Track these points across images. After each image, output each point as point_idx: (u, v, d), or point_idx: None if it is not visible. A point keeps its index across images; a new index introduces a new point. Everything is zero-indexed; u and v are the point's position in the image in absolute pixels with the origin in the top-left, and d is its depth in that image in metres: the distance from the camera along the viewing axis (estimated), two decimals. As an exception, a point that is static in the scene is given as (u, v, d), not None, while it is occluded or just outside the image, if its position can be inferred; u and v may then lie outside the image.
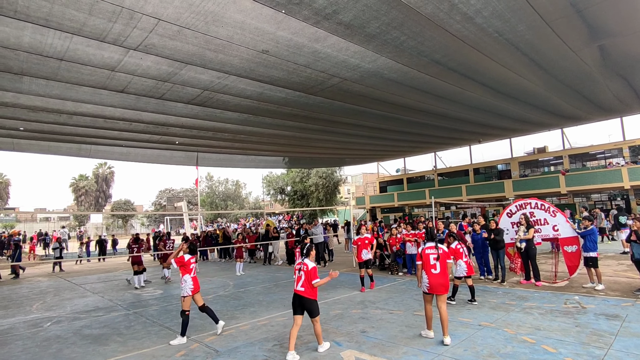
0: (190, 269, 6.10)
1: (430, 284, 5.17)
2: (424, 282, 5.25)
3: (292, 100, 10.19)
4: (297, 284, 5.06)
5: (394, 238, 11.04)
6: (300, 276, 5.05)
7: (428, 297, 5.29)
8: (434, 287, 5.16)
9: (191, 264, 6.17)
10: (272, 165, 25.84)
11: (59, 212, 57.03)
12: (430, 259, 5.25)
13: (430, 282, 5.17)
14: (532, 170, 25.54)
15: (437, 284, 5.15)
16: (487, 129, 17.72)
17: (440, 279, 5.17)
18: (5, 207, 51.10)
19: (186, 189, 61.10)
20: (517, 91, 11.37)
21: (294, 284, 5.11)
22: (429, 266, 5.22)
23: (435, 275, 5.18)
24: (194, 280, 6.07)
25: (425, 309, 5.34)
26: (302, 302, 4.98)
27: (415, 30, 6.89)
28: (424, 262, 5.28)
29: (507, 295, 7.66)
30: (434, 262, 5.21)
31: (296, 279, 5.09)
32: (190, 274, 6.05)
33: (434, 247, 5.33)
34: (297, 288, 5.04)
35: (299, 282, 5.04)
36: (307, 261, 5.13)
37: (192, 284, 6.00)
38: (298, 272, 5.12)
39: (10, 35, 5.89)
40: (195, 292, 6.01)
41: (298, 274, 5.10)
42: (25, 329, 6.99)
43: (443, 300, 5.19)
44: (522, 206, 9.11)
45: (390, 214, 33.54)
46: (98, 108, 9.65)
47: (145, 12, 5.55)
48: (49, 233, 27.29)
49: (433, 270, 5.19)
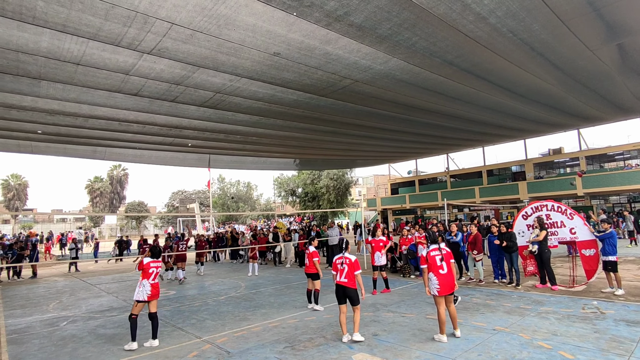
0: (149, 274, 5.85)
1: (440, 285, 5.23)
2: (433, 284, 5.28)
3: (303, 102, 10.21)
4: (341, 276, 5.51)
5: (404, 239, 10.94)
6: (343, 269, 5.52)
7: (440, 299, 5.28)
8: (444, 287, 5.23)
9: (150, 268, 5.90)
10: (283, 167, 25.94)
11: (74, 213, 58.27)
12: (436, 261, 5.34)
13: (440, 282, 5.23)
14: (548, 171, 25.07)
15: (447, 283, 5.25)
16: (501, 130, 17.46)
17: (448, 278, 5.29)
18: (24, 208, 52.41)
19: (198, 191, 61.74)
20: (532, 91, 11.17)
21: (337, 276, 5.55)
22: (437, 267, 5.30)
23: (443, 276, 5.27)
24: (152, 287, 5.81)
25: (438, 312, 5.29)
26: (346, 291, 5.45)
27: (427, 31, 6.83)
28: (431, 265, 5.35)
29: (522, 300, 7.49)
30: (440, 263, 5.31)
31: (339, 272, 5.53)
32: (148, 279, 5.81)
33: (437, 249, 5.43)
34: (341, 280, 5.50)
35: (342, 274, 5.50)
36: (348, 255, 5.68)
37: (149, 290, 5.78)
38: (341, 265, 5.58)
39: (29, 40, 6.03)
40: (151, 298, 5.78)
41: (341, 267, 5.55)
42: (42, 328, 7.13)
43: (450, 300, 5.34)
44: (538, 208, 8.92)
45: (402, 215, 33.31)
46: (113, 111, 9.82)
47: (159, 17, 5.63)
48: (64, 234, 27.86)
49: (441, 271, 5.28)
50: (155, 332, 5.81)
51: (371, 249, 9.04)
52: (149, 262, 5.95)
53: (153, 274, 5.90)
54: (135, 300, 5.77)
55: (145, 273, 5.83)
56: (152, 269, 5.91)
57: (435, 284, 5.24)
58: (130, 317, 5.70)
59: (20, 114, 9.60)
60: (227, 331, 6.30)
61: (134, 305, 5.78)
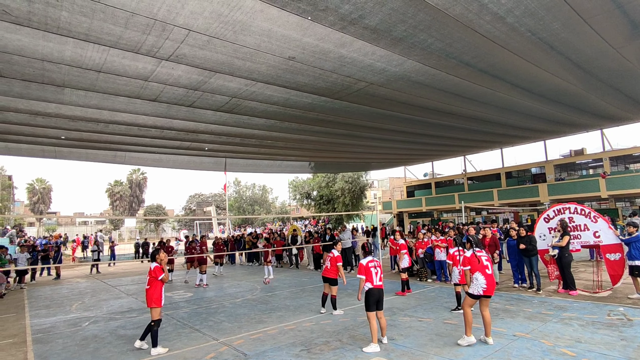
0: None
1: (487, 285, 5.18)
2: (480, 283, 5.21)
3: (318, 105, 10.23)
4: (376, 279, 5.48)
5: (420, 242, 10.80)
6: (377, 271, 5.53)
7: (473, 301, 5.24)
8: (490, 287, 5.18)
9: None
10: (298, 170, 26.02)
11: (95, 217, 59.83)
12: (482, 261, 5.33)
13: (487, 282, 5.19)
14: (569, 173, 24.39)
15: (492, 283, 5.24)
16: (520, 131, 17.08)
17: (492, 278, 5.29)
18: (48, 211, 54.12)
19: (215, 194, 62.59)
20: (552, 91, 10.89)
21: (374, 280, 5.45)
22: (483, 267, 5.28)
23: (490, 275, 5.26)
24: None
25: (466, 313, 5.22)
26: (381, 295, 5.43)
27: (443, 32, 6.75)
28: (476, 265, 5.31)
29: (544, 305, 7.29)
30: (486, 263, 5.30)
31: (373, 275, 5.48)
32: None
33: (480, 250, 5.48)
34: (377, 283, 5.47)
35: (377, 277, 5.49)
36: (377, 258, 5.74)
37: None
38: (374, 268, 5.56)
39: (54, 49, 6.25)
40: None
41: (375, 270, 5.53)
42: (66, 328, 7.33)
43: (487, 304, 5.29)
44: (561, 211, 8.67)
45: (418, 218, 32.94)
46: (132, 116, 10.06)
47: (176, 24, 5.75)
48: (87, 236, 28.64)
49: (487, 271, 5.27)
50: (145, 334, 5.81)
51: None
52: (155, 268, 5.85)
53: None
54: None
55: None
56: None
57: (482, 283, 5.18)
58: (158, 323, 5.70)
59: (45, 121, 9.94)
60: (244, 333, 6.35)
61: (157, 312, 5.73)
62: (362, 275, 5.54)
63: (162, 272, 5.82)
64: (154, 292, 5.72)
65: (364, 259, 5.65)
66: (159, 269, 5.82)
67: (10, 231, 28.33)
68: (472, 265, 5.34)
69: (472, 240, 5.60)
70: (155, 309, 5.67)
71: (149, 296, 5.71)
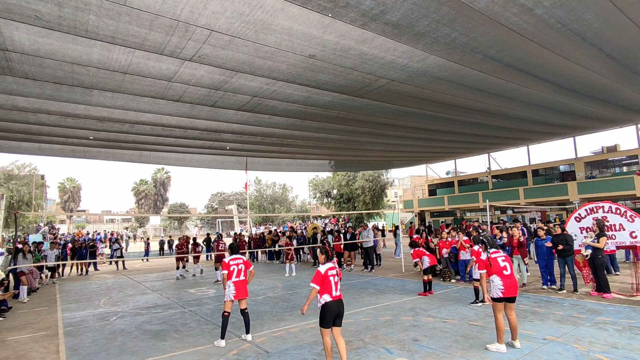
0: (230, 272, 5.83)
1: (504, 286, 5.01)
2: (496, 285, 5.06)
3: (339, 103, 10.17)
4: (335, 290, 4.57)
5: (444, 242, 10.56)
6: (337, 280, 4.64)
7: (500, 305, 5.05)
8: (508, 288, 5.02)
9: (230, 266, 5.86)
10: (318, 168, 26.03)
11: (122, 214, 61.77)
12: (499, 262, 5.16)
13: (505, 283, 5.02)
14: (601, 171, 23.34)
15: (511, 285, 5.06)
16: (547, 128, 16.48)
17: (512, 279, 5.11)
18: (78, 209, 56.29)
19: (236, 193, 63.48)
20: (582, 85, 10.44)
21: (332, 291, 4.53)
22: (501, 269, 5.12)
23: (507, 277, 5.10)
24: (235, 285, 5.80)
25: (496, 319, 5.03)
26: (341, 308, 4.60)
27: (467, 26, 6.57)
28: (494, 267, 5.15)
29: (575, 308, 6.99)
30: (504, 264, 5.14)
31: (333, 285, 4.55)
32: (230, 279, 5.82)
33: (498, 251, 5.30)
34: (336, 294, 4.59)
35: (336, 286, 4.57)
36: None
37: (233, 289, 5.81)
38: (334, 277, 4.74)
39: (82, 53, 6.45)
40: (237, 297, 5.81)
41: (334, 279, 4.61)
42: (94, 322, 7.59)
43: (512, 307, 5.09)
44: (593, 210, 8.27)
45: (441, 217, 32.36)
46: (157, 117, 10.30)
47: (199, 24, 5.82)
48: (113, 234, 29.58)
49: (505, 272, 5.11)
50: (247, 327, 5.95)
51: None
52: (229, 261, 5.91)
53: (234, 272, 5.87)
54: (225, 300, 5.86)
55: (228, 274, 5.84)
56: (233, 267, 5.87)
57: (499, 285, 5.03)
58: (223, 314, 5.79)
59: (74, 122, 10.31)
60: (266, 331, 6.39)
61: (224, 304, 5.84)
62: (317, 285, 4.49)
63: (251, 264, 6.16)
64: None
65: (323, 266, 4.61)
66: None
67: (43, 228, 29.62)
68: (487, 268, 5.21)
69: (487, 241, 5.43)
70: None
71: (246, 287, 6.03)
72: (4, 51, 6.32)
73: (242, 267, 5.95)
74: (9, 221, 24.83)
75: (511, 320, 5.06)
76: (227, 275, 5.83)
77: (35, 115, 9.68)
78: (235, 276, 5.85)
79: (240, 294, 5.85)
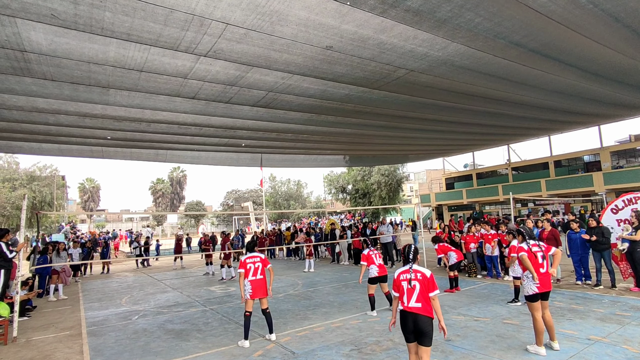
0: (247, 270, 5.73)
1: (540, 281, 4.72)
2: (531, 281, 4.76)
3: (355, 96, 9.94)
4: (409, 299, 3.93)
5: (471, 236, 10.18)
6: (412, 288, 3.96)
7: (537, 304, 4.70)
8: (544, 283, 4.74)
9: (247, 264, 5.75)
10: (333, 164, 25.82)
11: (140, 213, 62.86)
12: (538, 258, 4.85)
13: (541, 280, 4.72)
14: (628, 160, 22.45)
15: (547, 279, 4.81)
16: (572, 116, 15.86)
17: (548, 276, 4.86)
18: (97, 209, 57.55)
19: (251, 190, 63.80)
20: (611, 70, 9.93)
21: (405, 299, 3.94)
22: (538, 265, 4.81)
23: (544, 274, 4.80)
24: (251, 284, 5.67)
25: (535, 319, 4.67)
26: (418, 323, 3.77)
27: (492, 10, 6.24)
28: (532, 262, 4.82)
29: (616, 305, 6.62)
30: (542, 261, 4.83)
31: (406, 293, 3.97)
32: (247, 277, 5.71)
33: (537, 245, 4.96)
34: (411, 304, 3.90)
35: (412, 295, 3.90)
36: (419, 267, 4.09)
37: (249, 288, 5.68)
38: (254, 264, 5.54)
39: (99, 51, 6.40)
40: (253, 296, 5.67)
41: (409, 286, 3.96)
42: (117, 321, 7.61)
43: (547, 305, 4.81)
44: (632, 201, 7.81)
45: (459, 211, 31.79)
46: (172, 115, 10.26)
47: (214, 18, 5.68)
48: (133, 232, 30.05)
49: (541, 269, 4.80)
50: (270, 327, 5.83)
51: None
52: (246, 259, 5.80)
53: (251, 270, 5.74)
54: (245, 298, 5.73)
55: (246, 271, 5.73)
56: (250, 265, 5.76)
57: (536, 282, 4.74)
58: (244, 314, 5.68)
59: (92, 122, 10.36)
60: (290, 330, 6.26)
61: (245, 303, 5.72)
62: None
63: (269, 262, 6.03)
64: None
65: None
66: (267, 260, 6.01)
67: (65, 227, 30.31)
68: (531, 261, 4.82)
69: (526, 233, 5.05)
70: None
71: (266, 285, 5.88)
72: (22, 52, 6.32)
73: (260, 265, 5.80)
74: (32, 221, 25.49)
75: (547, 318, 4.75)
76: (244, 273, 5.73)
77: (55, 116, 9.75)
78: (252, 274, 5.73)
79: (258, 293, 5.71)
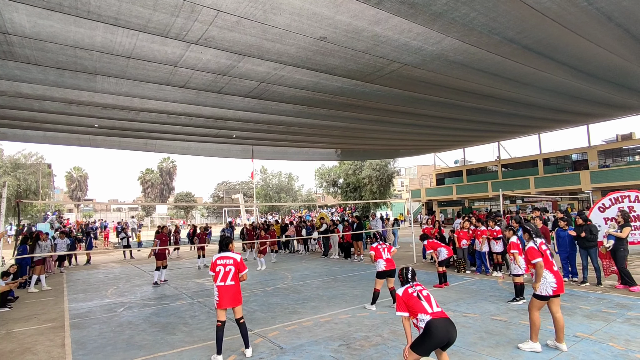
0: (216, 273, 4.71)
1: (557, 283, 4.51)
2: (548, 282, 4.53)
3: (348, 89, 9.85)
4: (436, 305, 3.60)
5: (465, 232, 10.16)
6: (230, 270, 4.23)
7: (542, 303, 4.56)
8: (560, 285, 4.52)
9: (217, 266, 4.73)
10: (325, 157, 25.74)
11: (129, 203, 62.10)
12: (548, 256, 4.64)
13: (557, 280, 4.52)
14: (615, 159, 22.83)
15: (561, 280, 4.57)
16: (562, 115, 16.01)
17: (560, 274, 4.62)
18: (85, 198, 56.63)
19: (242, 182, 63.43)
20: (602, 69, 10.01)
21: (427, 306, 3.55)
22: (550, 263, 4.60)
23: (557, 272, 4.59)
24: (219, 290, 4.68)
25: (533, 315, 4.57)
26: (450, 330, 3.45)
27: (487, 5, 6.19)
28: (545, 260, 4.61)
29: (602, 302, 6.71)
30: (551, 259, 4.65)
31: (222, 275, 4.20)
32: (215, 282, 4.74)
33: (543, 243, 4.75)
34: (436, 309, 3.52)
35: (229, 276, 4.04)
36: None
37: (216, 295, 4.72)
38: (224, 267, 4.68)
39: (85, 35, 6.17)
40: (220, 305, 4.68)
41: (226, 269, 4.46)
42: (102, 313, 7.47)
43: (558, 303, 4.59)
44: (619, 199, 7.95)
45: (448, 207, 32.07)
46: (162, 104, 10.04)
47: (205, 4, 5.51)
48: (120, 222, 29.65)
49: (554, 267, 4.61)
50: (246, 340, 4.85)
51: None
52: (216, 260, 4.82)
53: (220, 273, 4.70)
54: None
55: (215, 275, 4.77)
56: (219, 267, 4.72)
57: (552, 282, 4.50)
58: (216, 324, 4.77)
59: (79, 109, 10.08)
60: (278, 325, 6.20)
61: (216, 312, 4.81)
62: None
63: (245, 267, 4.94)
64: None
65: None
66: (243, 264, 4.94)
67: (50, 217, 29.74)
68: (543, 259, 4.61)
69: (532, 230, 4.87)
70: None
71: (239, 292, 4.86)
72: (4, 34, 6.06)
73: (232, 268, 4.72)
74: (16, 209, 24.92)
75: (558, 319, 4.51)
76: (213, 277, 4.77)
77: (40, 103, 9.46)
78: (220, 279, 4.67)
79: (226, 302, 4.65)
